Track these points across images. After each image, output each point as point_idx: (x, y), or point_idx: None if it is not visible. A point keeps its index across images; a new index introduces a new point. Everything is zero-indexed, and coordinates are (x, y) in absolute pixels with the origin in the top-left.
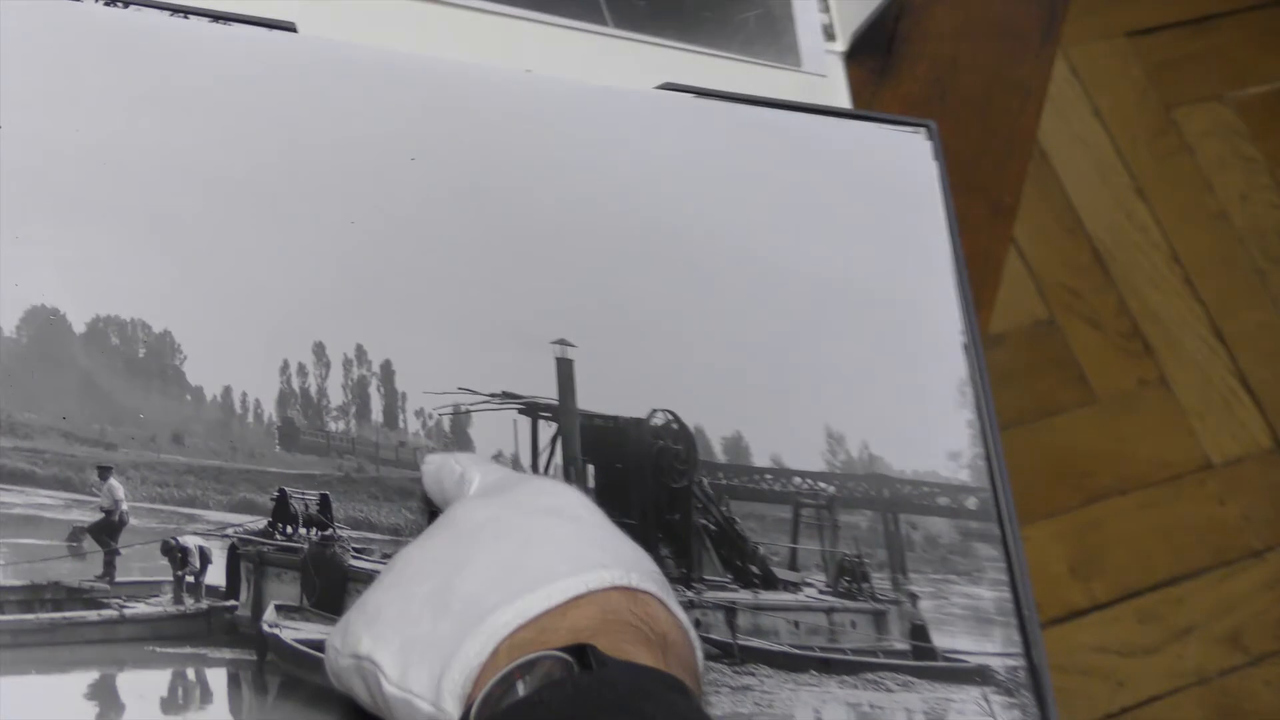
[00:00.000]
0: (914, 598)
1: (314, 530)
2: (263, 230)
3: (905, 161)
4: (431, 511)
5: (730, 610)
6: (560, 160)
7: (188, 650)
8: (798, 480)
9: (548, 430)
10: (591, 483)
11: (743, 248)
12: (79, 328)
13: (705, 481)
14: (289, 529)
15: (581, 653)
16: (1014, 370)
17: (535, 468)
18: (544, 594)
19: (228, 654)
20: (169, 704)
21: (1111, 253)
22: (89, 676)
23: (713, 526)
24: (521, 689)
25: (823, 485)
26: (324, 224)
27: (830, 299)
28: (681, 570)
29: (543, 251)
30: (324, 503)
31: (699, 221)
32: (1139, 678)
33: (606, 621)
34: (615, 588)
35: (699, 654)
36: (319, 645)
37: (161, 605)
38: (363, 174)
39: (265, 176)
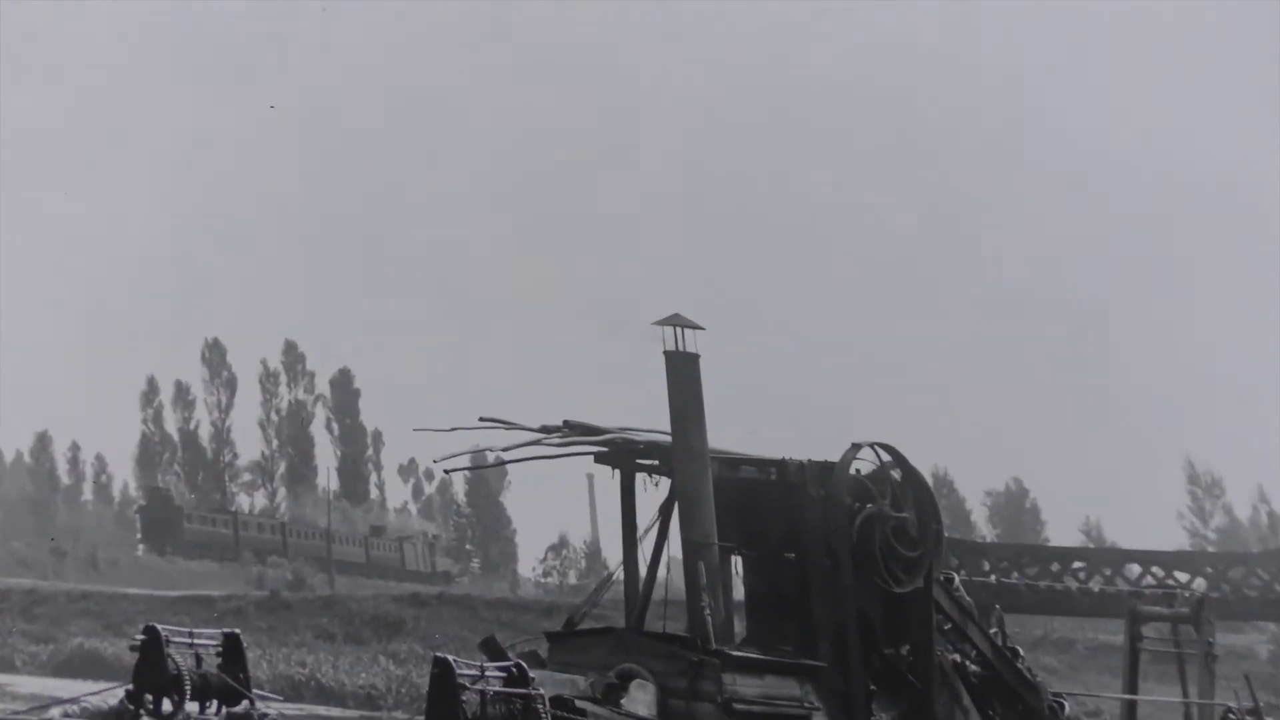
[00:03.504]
0: None
1: (215, 706)
2: (111, 134)
3: None
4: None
5: None
6: None
7: None
8: (1135, 569)
9: (653, 493)
10: (740, 589)
11: (1012, 124)
12: None
13: (957, 579)
14: (167, 705)
15: None
16: None
17: (630, 566)
18: None
19: None
20: None
21: None
22: None
23: (974, 665)
24: None
25: (1181, 578)
26: (223, 113)
27: (1177, 204)
28: None
29: (637, 153)
30: (231, 650)
31: (927, 91)
32: None
33: None
34: None
35: None
36: None
37: None
38: (290, 18)
39: (109, 36)
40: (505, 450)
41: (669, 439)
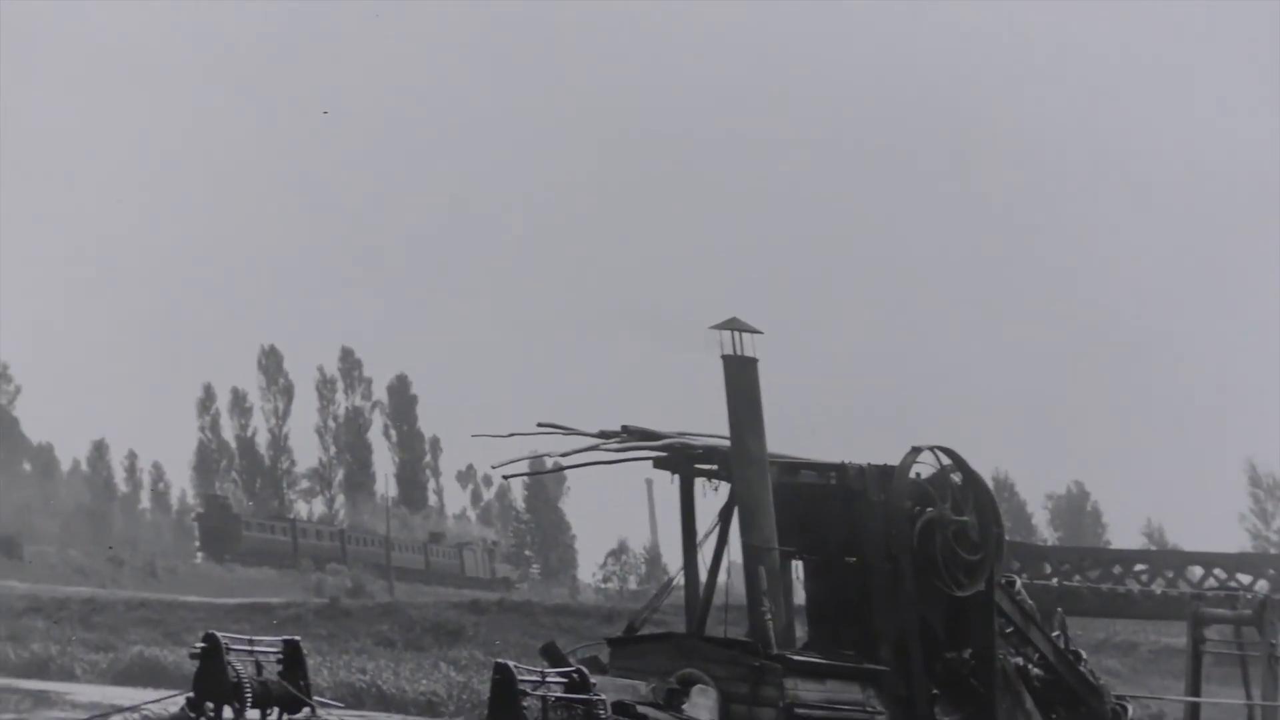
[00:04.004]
0: None
1: (276, 713)
2: (167, 140)
3: None
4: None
5: None
6: None
7: None
8: (1197, 572)
9: (713, 498)
10: (800, 594)
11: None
12: None
13: (1019, 582)
14: (228, 712)
15: None
16: None
17: (690, 571)
18: None
19: None
20: None
21: None
22: None
23: (1037, 669)
24: None
25: (1244, 580)
26: (280, 118)
27: (1237, 205)
28: None
29: (693, 158)
30: (291, 657)
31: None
32: None
33: None
34: None
35: None
36: None
37: None
38: (348, 21)
39: (160, 42)
40: (563, 455)
41: (728, 444)
